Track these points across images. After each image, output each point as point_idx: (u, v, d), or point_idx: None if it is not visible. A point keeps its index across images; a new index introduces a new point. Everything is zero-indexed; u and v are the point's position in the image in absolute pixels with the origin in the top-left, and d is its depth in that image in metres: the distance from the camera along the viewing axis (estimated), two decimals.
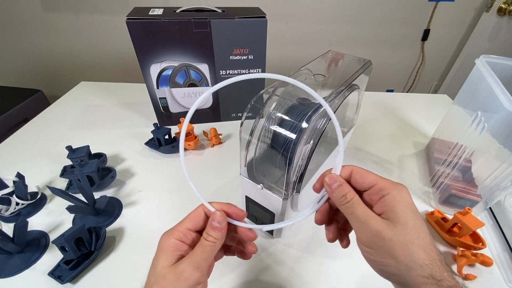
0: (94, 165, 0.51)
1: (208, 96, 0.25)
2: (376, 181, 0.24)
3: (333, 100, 0.38)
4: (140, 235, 0.47)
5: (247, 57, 0.65)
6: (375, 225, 0.23)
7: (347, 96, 0.40)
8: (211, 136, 0.66)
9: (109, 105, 0.83)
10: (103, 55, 1.56)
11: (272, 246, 0.45)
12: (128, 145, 0.66)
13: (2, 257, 0.42)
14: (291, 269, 0.42)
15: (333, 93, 0.39)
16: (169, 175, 0.59)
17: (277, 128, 0.37)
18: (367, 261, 0.25)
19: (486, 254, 0.42)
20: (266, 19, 0.60)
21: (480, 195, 0.47)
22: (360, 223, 0.24)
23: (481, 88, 0.47)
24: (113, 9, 1.39)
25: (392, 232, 0.22)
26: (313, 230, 0.48)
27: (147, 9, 0.60)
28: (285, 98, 0.40)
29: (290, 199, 0.38)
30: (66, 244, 0.38)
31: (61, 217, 0.49)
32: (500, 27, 1.37)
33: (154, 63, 0.62)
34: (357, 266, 0.43)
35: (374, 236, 0.23)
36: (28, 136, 0.70)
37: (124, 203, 0.52)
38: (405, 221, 0.22)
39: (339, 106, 0.38)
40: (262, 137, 0.38)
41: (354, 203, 0.24)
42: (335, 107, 0.37)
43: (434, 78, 1.71)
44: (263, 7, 0.65)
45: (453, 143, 0.51)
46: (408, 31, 1.49)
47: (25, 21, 1.46)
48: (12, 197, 0.48)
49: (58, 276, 0.39)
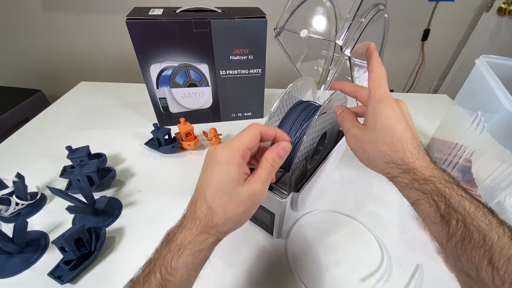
0: (94, 165, 0.51)
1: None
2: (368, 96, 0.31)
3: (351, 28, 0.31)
4: (140, 235, 0.47)
5: (247, 57, 0.65)
6: (354, 131, 0.32)
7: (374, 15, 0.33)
8: (211, 136, 0.65)
9: (109, 105, 0.82)
10: (103, 55, 1.56)
11: (272, 247, 0.45)
12: (128, 145, 0.66)
13: (2, 257, 0.42)
14: (291, 269, 0.42)
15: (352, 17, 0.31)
16: (169, 175, 0.59)
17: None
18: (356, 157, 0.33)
19: None
20: (266, 19, 0.60)
21: (480, 195, 0.47)
22: (346, 131, 0.33)
23: (481, 88, 0.47)
24: (113, 9, 1.39)
25: (363, 134, 0.31)
26: (313, 231, 0.48)
27: (147, 9, 0.60)
28: (288, 99, 0.40)
29: (290, 199, 0.38)
30: (66, 244, 0.38)
31: (61, 217, 0.49)
32: (500, 27, 1.37)
33: (154, 63, 0.62)
34: (357, 266, 0.43)
35: (353, 138, 0.32)
36: (28, 136, 0.70)
37: (124, 203, 0.52)
38: (374, 125, 0.29)
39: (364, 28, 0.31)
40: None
41: (346, 119, 0.34)
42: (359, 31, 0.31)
43: (434, 78, 1.71)
44: (263, 7, 0.65)
45: (453, 143, 0.51)
46: (408, 31, 1.49)
47: (25, 21, 1.46)
48: (12, 197, 0.48)
49: (58, 276, 0.39)
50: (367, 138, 0.30)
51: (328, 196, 0.54)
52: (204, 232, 0.24)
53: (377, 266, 0.42)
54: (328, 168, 0.50)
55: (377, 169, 0.31)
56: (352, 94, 0.35)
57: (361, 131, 0.31)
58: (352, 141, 0.32)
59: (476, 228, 0.22)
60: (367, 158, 0.31)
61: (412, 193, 0.27)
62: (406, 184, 0.27)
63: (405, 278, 0.41)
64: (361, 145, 0.31)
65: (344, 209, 0.51)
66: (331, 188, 0.56)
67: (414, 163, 0.27)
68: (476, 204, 0.24)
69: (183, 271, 0.23)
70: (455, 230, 0.23)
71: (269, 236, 0.46)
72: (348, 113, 0.35)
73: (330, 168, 0.56)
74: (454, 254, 0.23)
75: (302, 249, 0.45)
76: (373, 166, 0.31)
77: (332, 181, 0.57)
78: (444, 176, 0.26)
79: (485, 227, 0.22)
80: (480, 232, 0.22)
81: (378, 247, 0.45)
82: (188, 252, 0.23)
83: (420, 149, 0.28)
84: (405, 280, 0.41)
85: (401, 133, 0.28)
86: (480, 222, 0.22)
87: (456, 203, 0.24)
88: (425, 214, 0.26)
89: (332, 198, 0.53)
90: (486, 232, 0.22)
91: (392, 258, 0.43)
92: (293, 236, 0.47)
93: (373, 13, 0.32)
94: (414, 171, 0.27)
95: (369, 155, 0.30)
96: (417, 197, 0.27)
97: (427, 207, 0.26)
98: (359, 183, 0.57)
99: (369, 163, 0.32)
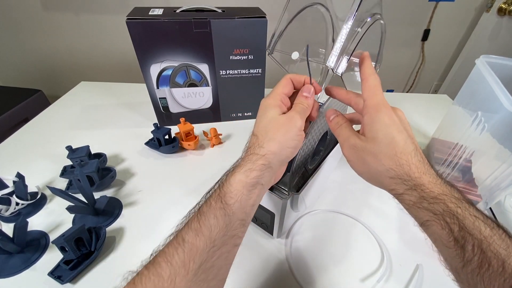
0: (94, 165, 0.51)
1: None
2: (363, 104, 0.29)
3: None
4: (140, 235, 0.47)
5: (247, 57, 0.65)
6: (352, 141, 0.29)
7: (371, 24, 0.31)
8: (211, 136, 0.65)
9: (109, 105, 0.83)
10: (103, 55, 1.56)
11: (272, 247, 0.45)
12: (128, 145, 0.66)
13: (2, 257, 0.42)
14: (291, 269, 0.42)
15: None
16: (169, 175, 0.59)
17: None
18: (354, 170, 0.31)
19: None
20: (266, 19, 0.60)
21: (480, 195, 0.47)
22: (343, 139, 0.30)
23: (481, 88, 0.47)
24: (113, 9, 1.39)
25: (364, 145, 0.28)
26: (313, 231, 0.48)
27: (147, 9, 0.60)
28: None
29: (290, 199, 0.38)
30: (66, 244, 0.38)
31: (61, 217, 0.49)
32: (500, 27, 1.37)
33: (154, 63, 0.62)
34: (357, 266, 0.43)
35: (352, 149, 0.29)
36: (28, 136, 0.70)
37: (124, 203, 0.52)
38: (375, 135, 0.27)
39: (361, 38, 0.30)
40: None
41: (342, 127, 0.31)
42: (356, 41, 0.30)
43: (434, 78, 1.71)
44: (263, 7, 0.65)
45: (453, 143, 0.51)
46: (408, 31, 1.49)
47: (25, 21, 1.46)
48: (12, 197, 0.48)
49: (58, 276, 0.39)
50: (369, 149, 0.27)
51: (328, 196, 0.54)
52: (253, 153, 0.28)
53: (377, 266, 0.42)
54: (328, 168, 0.50)
55: (381, 185, 0.28)
56: (346, 101, 0.33)
57: (362, 142, 0.28)
58: (350, 152, 0.29)
59: (494, 254, 0.21)
60: (368, 172, 0.29)
61: (421, 213, 0.25)
62: (414, 202, 0.25)
63: (405, 278, 0.41)
64: (361, 157, 0.28)
65: (344, 209, 0.51)
66: (331, 188, 0.56)
67: (421, 178, 0.25)
68: (490, 225, 0.22)
69: (238, 187, 0.26)
70: (471, 256, 0.21)
71: (269, 236, 0.46)
72: (344, 119, 0.32)
73: (330, 168, 0.56)
74: (470, 280, 0.22)
75: (302, 249, 0.45)
76: (375, 181, 0.29)
77: (332, 181, 0.57)
78: (453, 193, 0.24)
79: (503, 252, 0.21)
80: (499, 259, 0.20)
81: (378, 247, 0.45)
82: (240, 170, 0.27)
83: (425, 162, 0.26)
84: (405, 280, 0.41)
85: (404, 145, 0.26)
86: (497, 247, 0.21)
87: (471, 225, 0.22)
88: (436, 236, 0.24)
89: (332, 198, 0.54)
90: (505, 258, 0.20)
91: (392, 258, 0.43)
92: (293, 236, 0.47)
93: (370, 23, 0.31)
94: (422, 188, 0.25)
95: (371, 169, 0.28)
96: (427, 218, 0.24)
97: (438, 229, 0.23)
98: (359, 183, 0.57)
99: (370, 177, 0.29)
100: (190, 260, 0.22)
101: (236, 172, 0.27)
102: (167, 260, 0.22)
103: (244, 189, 0.26)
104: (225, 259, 0.25)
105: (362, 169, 0.29)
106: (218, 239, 0.24)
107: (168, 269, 0.22)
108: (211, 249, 0.24)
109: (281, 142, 0.29)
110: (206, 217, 0.25)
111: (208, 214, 0.25)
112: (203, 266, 0.23)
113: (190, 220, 0.25)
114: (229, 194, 0.26)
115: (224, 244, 0.25)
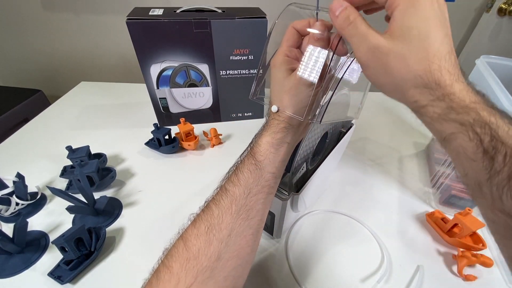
0: (94, 165, 0.51)
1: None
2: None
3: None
4: (140, 235, 0.46)
5: (247, 57, 0.65)
6: (373, 40, 0.22)
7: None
8: (211, 136, 0.65)
9: (109, 105, 0.83)
10: (103, 55, 1.56)
11: (272, 247, 0.45)
12: (128, 145, 0.66)
13: (2, 257, 0.42)
14: (291, 269, 0.42)
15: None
16: (169, 175, 0.59)
17: None
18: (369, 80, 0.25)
19: (487, 255, 0.42)
20: (266, 19, 0.60)
21: None
22: (359, 39, 0.23)
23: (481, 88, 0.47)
24: (113, 9, 1.39)
25: (390, 45, 0.22)
26: (313, 231, 0.48)
27: (147, 9, 0.60)
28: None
29: (290, 199, 0.38)
30: (66, 244, 0.38)
31: (61, 217, 0.49)
32: (501, 28, 1.37)
33: (154, 63, 0.62)
34: (357, 266, 0.43)
35: (371, 52, 0.23)
36: (28, 136, 0.70)
37: (124, 203, 0.52)
38: (407, 33, 0.21)
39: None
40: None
41: (355, 23, 0.24)
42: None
43: None
44: (263, 7, 0.65)
45: None
46: None
47: (25, 21, 1.46)
48: (12, 197, 0.48)
49: (58, 276, 0.39)
50: (396, 51, 0.22)
51: (328, 196, 0.54)
52: (274, 118, 0.31)
53: (377, 266, 0.42)
54: (328, 168, 0.50)
55: (402, 96, 0.23)
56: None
57: (387, 41, 0.22)
58: (369, 57, 0.23)
59: None
60: (391, 82, 0.23)
61: (445, 126, 0.21)
62: (439, 115, 0.21)
63: (406, 279, 0.41)
64: (384, 63, 0.22)
65: (344, 209, 0.51)
66: (331, 188, 0.56)
67: (452, 86, 0.21)
68: None
69: (266, 147, 0.30)
70: (501, 167, 0.19)
71: (269, 236, 0.46)
72: (356, 13, 0.24)
73: (330, 169, 0.56)
74: (494, 193, 0.20)
75: (302, 249, 0.45)
76: (397, 93, 0.23)
77: (332, 181, 0.57)
78: (486, 101, 0.21)
79: None
80: None
81: (378, 247, 0.45)
82: (266, 133, 0.31)
83: (457, 66, 0.22)
84: (406, 281, 0.41)
85: (440, 45, 0.21)
86: None
87: (505, 134, 0.19)
88: (460, 150, 0.21)
89: (332, 198, 0.53)
90: None
91: (393, 258, 0.43)
92: (293, 236, 0.47)
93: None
94: (451, 97, 0.21)
95: (395, 78, 0.22)
96: (453, 130, 0.21)
97: (464, 141, 0.20)
98: (360, 184, 0.57)
99: (393, 89, 0.23)
100: (232, 204, 0.28)
101: (263, 135, 0.31)
102: (216, 204, 0.28)
103: (272, 147, 0.30)
104: (262, 204, 0.30)
105: (383, 80, 0.23)
106: (253, 188, 0.29)
107: (217, 209, 0.28)
108: (248, 195, 0.29)
109: (295, 105, 0.30)
110: (242, 172, 0.30)
111: (243, 169, 0.30)
112: (243, 208, 0.28)
113: (231, 175, 0.31)
114: (258, 153, 0.30)
115: (259, 192, 0.30)
